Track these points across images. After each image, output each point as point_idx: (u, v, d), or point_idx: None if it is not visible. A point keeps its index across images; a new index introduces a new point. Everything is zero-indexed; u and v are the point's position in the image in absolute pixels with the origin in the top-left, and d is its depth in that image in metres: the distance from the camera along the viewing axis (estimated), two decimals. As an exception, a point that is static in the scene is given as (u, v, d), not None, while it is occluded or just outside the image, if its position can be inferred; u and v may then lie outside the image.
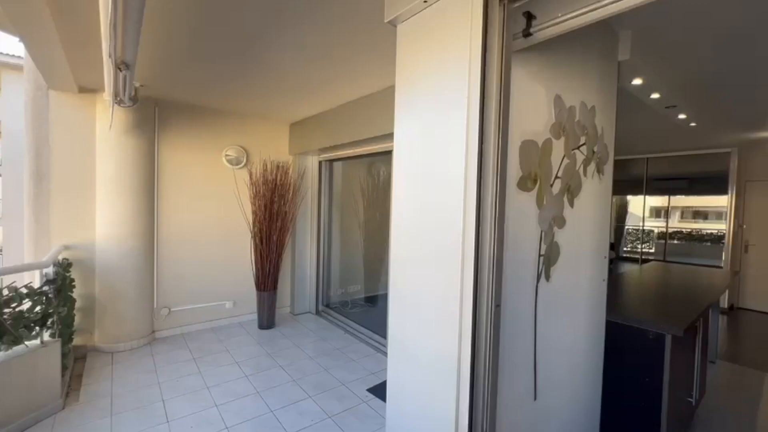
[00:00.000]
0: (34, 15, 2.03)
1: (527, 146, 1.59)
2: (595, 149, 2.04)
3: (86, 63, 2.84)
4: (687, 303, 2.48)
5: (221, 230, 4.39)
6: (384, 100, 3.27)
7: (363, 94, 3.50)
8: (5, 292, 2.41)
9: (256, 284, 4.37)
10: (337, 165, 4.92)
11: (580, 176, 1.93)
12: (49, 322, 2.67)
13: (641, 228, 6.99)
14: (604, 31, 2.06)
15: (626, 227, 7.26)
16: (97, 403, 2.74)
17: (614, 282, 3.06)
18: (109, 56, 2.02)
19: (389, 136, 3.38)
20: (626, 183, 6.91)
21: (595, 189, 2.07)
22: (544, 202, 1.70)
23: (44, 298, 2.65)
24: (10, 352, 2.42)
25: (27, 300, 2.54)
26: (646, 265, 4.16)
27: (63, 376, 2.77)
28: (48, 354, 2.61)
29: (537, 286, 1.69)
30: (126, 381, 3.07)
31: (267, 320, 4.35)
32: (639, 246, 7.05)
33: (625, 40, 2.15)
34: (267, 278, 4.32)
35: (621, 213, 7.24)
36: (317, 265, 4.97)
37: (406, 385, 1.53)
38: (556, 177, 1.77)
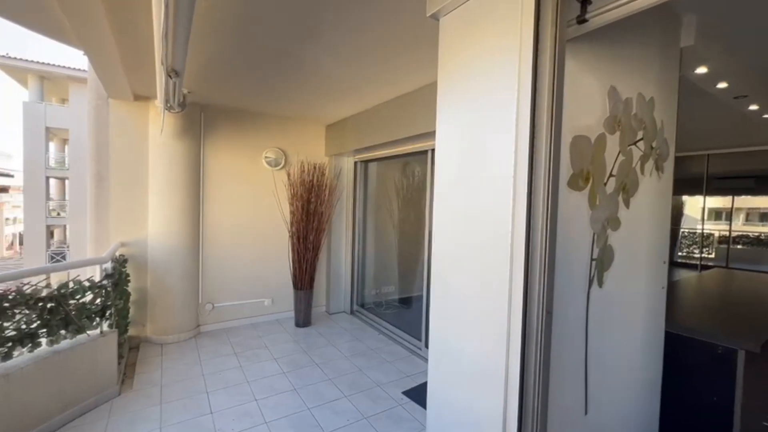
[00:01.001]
0: (95, 29, 2.19)
1: (579, 142, 1.48)
2: (654, 144, 1.88)
3: (141, 73, 3.03)
4: (761, 315, 2.22)
5: (261, 230, 4.53)
6: (420, 98, 3.22)
7: (398, 94, 3.48)
8: (71, 285, 2.62)
9: (293, 283, 4.47)
10: (372, 165, 4.93)
11: (636, 174, 1.78)
12: (107, 314, 2.88)
13: (700, 231, 6.41)
14: (666, 15, 1.89)
15: (681, 230, 6.69)
16: (149, 391, 2.91)
17: (673, 290, 2.81)
18: (162, 64, 2.14)
19: (425, 136, 3.33)
20: (683, 182, 6.36)
21: (654, 188, 1.90)
22: (597, 202, 1.58)
23: (103, 291, 2.86)
24: (74, 340, 2.62)
25: (89, 293, 2.75)
26: (707, 272, 3.80)
27: (119, 364, 2.97)
28: (106, 343, 2.81)
29: (589, 292, 1.58)
30: (174, 372, 3.24)
31: (303, 318, 4.43)
32: (697, 251, 6.47)
33: (689, 24, 1.96)
34: (304, 277, 4.40)
35: (676, 214, 6.68)
36: (352, 265, 5.01)
37: (448, 390, 1.47)
38: (610, 175, 1.65)
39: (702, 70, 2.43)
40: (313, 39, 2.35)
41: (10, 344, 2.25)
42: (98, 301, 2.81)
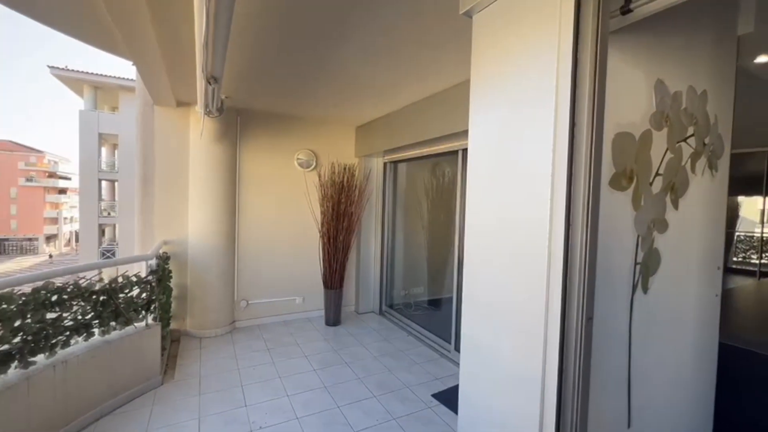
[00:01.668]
0: (143, 41, 2.34)
1: (622, 139, 1.41)
2: (707, 141, 1.75)
3: (183, 80, 3.20)
4: (834, 328, 2.01)
5: (292, 230, 4.65)
6: (450, 97, 3.18)
7: (428, 94, 3.45)
8: (120, 280, 2.81)
9: (323, 282, 4.55)
10: (402, 166, 4.93)
11: (686, 173, 1.67)
12: (152, 308, 3.06)
13: (758, 235, 5.88)
14: (720, 1, 1.75)
15: (737, 234, 6.17)
16: (189, 382, 3.06)
17: (728, 298, 2.59)
18: (202, 72, 2.25)
19: (455, 135, 3.28)
20: (740, 181, 5.86)
21: (706, 188, 1.77)
22: (642, 203, 1.49)
23: (149, 286, 3.04)
24: (122, 331, 2.81)
25: (136, 287, 2.94)
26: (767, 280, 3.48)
27: (162, 355, 3.14)
28: (151, 335, 2.99)
29: (632, 299, 1.49)
30: (211, 364, 3.39)
31: (333, 317, 4.50)
32: (755, 256, 5.94)
33: (747, 9, 1.81)
34: (334, 277, 4.47)
35: (731, 217, 6.16)
36: (381, 266, 5.02)
37: (481, 396, 1.44)
38: (657, 174, 1.55)
39: (763, 59, 2.23)
40: (343, 42, 2.39)
41: (68, 333, 2.44)
42: (144, 295, 3.00)
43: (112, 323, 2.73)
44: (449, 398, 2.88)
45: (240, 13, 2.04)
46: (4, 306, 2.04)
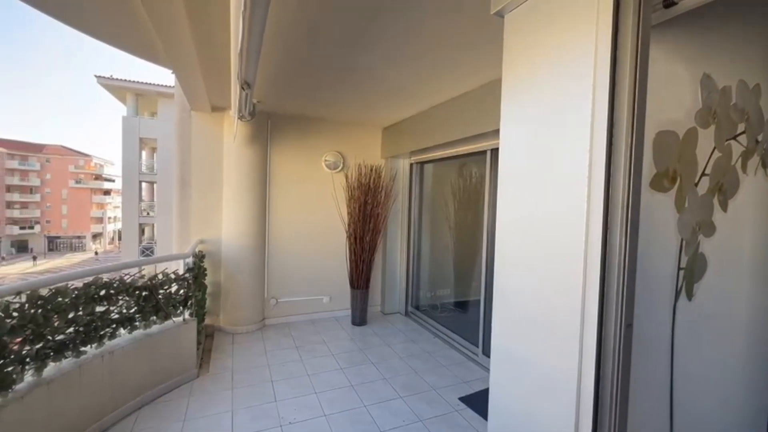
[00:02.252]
0: (183, 50, 2.47)
1: (664, 138, 1.34)
2: (760, 138, 1.63)
3: (217, 87, 3.35)
4: None
5: (320, 230, 4.74)
6: (479, 97, 3.14)
7: (455, 95, 3.42)
8: (160, 276, 2.97)
9: (350, 282, 4.60)
10: (428, 167, 4.90)
11: (736, 172, 1.56)
12: (189, 303, 3.21)
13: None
14: (775, -11, 1.63)
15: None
16: (222, 376, 3.19)
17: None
18: (236, 78, 2.34)
19: (483, 136, 3.23)
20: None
21: (759, 188, 1.65)
22: (686, 205, 1.41)
23: (186, 283, 3.19)
24: (162, 325, 2.96)
25: (174, 284, 3.09)
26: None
27: (198, 349, 3.29)
28: (188, 330, 3.14)
29: (675, 306, 1.41)
30: (243, 360, 3.52)
31: (360, 317, 4.54)
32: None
33: (807, -4, 1.67)
34: (360, 277, 4.51)
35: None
36: (407, 267, 5.02)
37: (511, 402, 1.41)
38: (703, 174, 1.46)
39: (825, 48, 2.05)
40: (370, 45, 2.41)
41: (114, 325, 2.61)
42: (181, 291, 3.15)
43: (153, 317, 2.89)
44: (477, 402, 2.84)
45: (271, 21, 2.11)
46: (60, 299, 2.21)
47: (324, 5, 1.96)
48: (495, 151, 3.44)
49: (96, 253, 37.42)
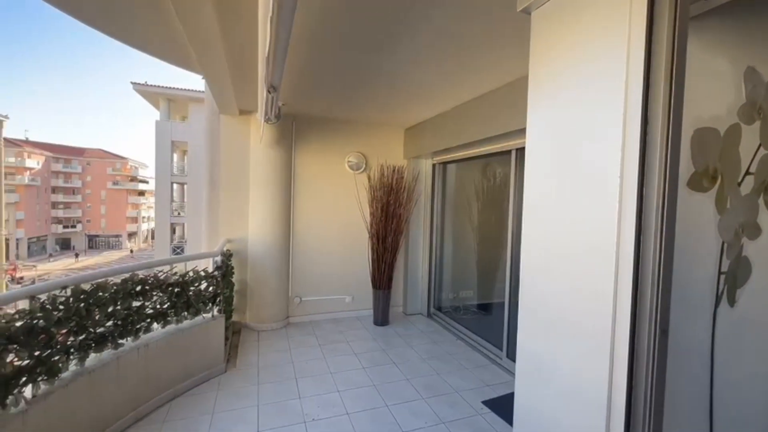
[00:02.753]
0: (214, 57, 2.57)
1: (703, 135, 1.27)
2: (812, 134, 1.51)
3: (245, 91, 3.45)
4: None
5: (343, 230, 4.80)
6: (503, 96, 3.08)
7: (478, 94, 3.37)
8: (191, 274, 3.10)
9: (372, 282, 4.63)
10: (451, 167, 4.86)
11: (785, 171, 1.46)
12: (217, 300, 3.32)
13: None
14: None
15: None
16: (249, 372, 3.28)
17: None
18: (263, 82, 2.41)
19: (507, 135, 3.17)
20: None
21: (811, 188, 1.53)
22: (728, 206, 1.34)
23: (214, 280, 3.31)
24: (192, 321, 3.09)
25: (204, 281, 3.21)
26: None
27: (225, 345, 3.40)
28: (216, 326, 3.25)
29: (715, 312, 1.34)
30: (268, 357, 3.61)
31: (381, 317, 4.56)
32: None
33: None
34: (382, 277, 4.53)
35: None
36: (429, 268, 4.99)
37: (538, 409, 1.38)
38: (747, 173, 1.38)
39: None
40: (394, 47, 2.42)
41: (149, 320, 2.74)
42: (210, 289, 3.27)
43: (184, 313, 3.01)
44: (501, 406, 2.79)
45: (296, 26, 2.16)
46: (101, 294, 2.34)
47: (347, 9, 1.98)
48: (520, 151, 3.37)
49: (131, 251, 39.41)
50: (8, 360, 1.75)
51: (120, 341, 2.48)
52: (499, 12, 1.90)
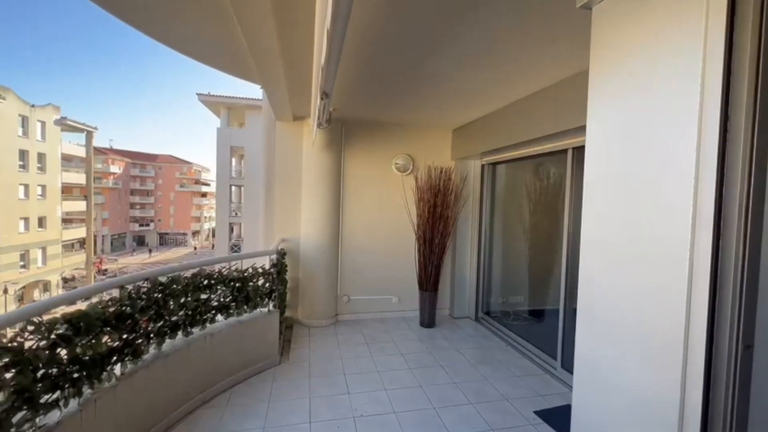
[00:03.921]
0: (273, 70, 2.75)
1: (799, 130, 1.13)
2: None
3: (299, 98, 3.64)
4: None
5: (390, 231, 4.86)
6: (557, 94, 2.94)
7: (531, 92, 3.25)
8: (250, 270, 3.32)
9: (418, 283, 4.63)
10: (501, 168, 4.72)
11: None
12: (273, 296, 3.53)
13: None
14: None
15: None
16: (301, 365, 3.45)
17: None
18: (318, 89, 2.53)
19: (563, 134, 3.03)
20: None
21: None
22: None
23: (270, 277, 3.52)
24: (251, 314, 3.31)
25: (261, 278, 3.43)
26: None
27: (279, 339, 3.60)
28: (272, 320, 3.45)
29: (814, 329, 1.18)
30: (318, 352, 3.76)
31: (428, 319, 4.54)
32: None
33: None
34: (428, 279, 4.52)
35: None
36: (477, 271, 4.88)
37: (599, 425, 1.31)
38: None
39: None
40: (444, 49, 2.42)
41: (214, 311, 2.99)
42: (267, 285, 3.48)
43: (244, 306, 3.24)
44: (555, 418, 2.66)
45: (348, 33, 2.24)
46: (175, 286, 2.60)
47: (398, 15, 2.02)
48: (578, 150, 3.19)
49: (195, 248, 43.06)
50: (103, 341, 2.02)
51: (190, 329, 2.74)
52: (553, 8, 1.84)
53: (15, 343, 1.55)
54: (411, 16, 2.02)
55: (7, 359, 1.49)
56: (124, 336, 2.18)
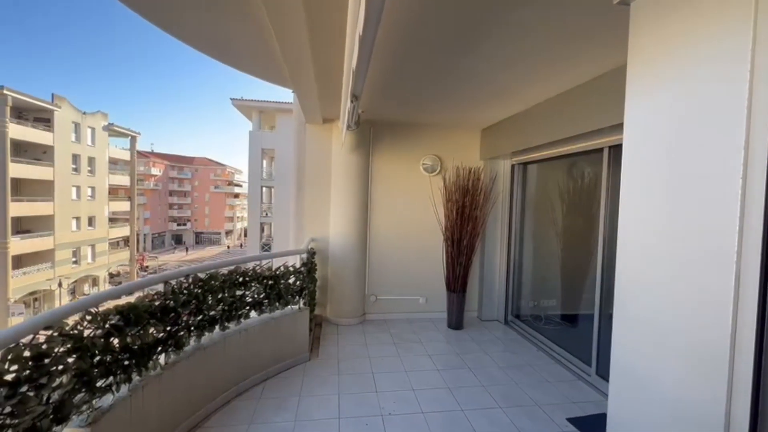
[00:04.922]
0: (305, 76, 2.85)
1: None
2: None
3: (329, 101, 3.73)
4: None
5: (417, 232, 4.86)
6: (592, 91, 2.84)
7: (563, 89, 3.15)
8: (281, 268, 3.44)
9: (446, 285, 4.61)
10: (531, 168, 4.61)
11: None
12: (303, 294, 3.64)
13: None
14: None
15: None
16: (330, 362, 3.53)
17: None
18: (348, 93, 2.59)
19: (598, 132, 2.93)
20: None
21: None
22: None
23: (301, 276, 3.63)
24: (283, 311, 3.42)
25: (292, 276, 3.54)
26: None
27: (309, 336, 3.70)
28: (302, 317, 3.56)
29: None
30: (347, 350, 3.83)
31: (456, 321, 4.51)
32: None
33: None
34: (456, 280, 4.48)
35: None
36: (507, 273, 4.79)
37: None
38: None
39: None
40: (472, 48, 2.40)
41: (248, 308, 3.12)
42: (297, 283, 3.59)
43: (276, 303, 3.36)
44: (589, 426, 2.57)
45: (378, 36, 2.28)
46: (213, 282, 2.74)
47: (427, 14, 2.03)
48: (614, 149, 3.07)
49: (228, 247, 44.84)
50: (150, 332, 2.16)
51: (226, 324, 2.87)
52: (588, 4, 1.79)
53: (76, 331, 1.70)
54: (446, 16, 2.02)
55: (69, 345, 1.64)
56: (168, 328, 2.32)
